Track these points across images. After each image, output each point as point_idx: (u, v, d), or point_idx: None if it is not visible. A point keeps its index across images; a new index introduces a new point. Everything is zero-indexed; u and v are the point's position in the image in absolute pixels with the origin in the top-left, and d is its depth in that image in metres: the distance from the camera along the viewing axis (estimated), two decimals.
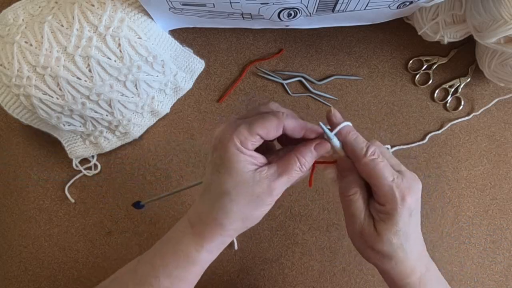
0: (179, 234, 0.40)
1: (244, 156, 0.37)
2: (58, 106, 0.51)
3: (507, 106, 0.60)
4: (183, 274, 0.39)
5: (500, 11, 0.45)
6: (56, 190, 0.61)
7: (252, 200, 0.38)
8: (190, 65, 0.58)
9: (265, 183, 0.37)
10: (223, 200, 0.38)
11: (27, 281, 0.61)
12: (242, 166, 0.37)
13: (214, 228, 0.39)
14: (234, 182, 0.37)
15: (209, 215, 0.38)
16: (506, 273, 0.60)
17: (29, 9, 0.51)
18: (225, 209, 0.38)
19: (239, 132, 0.37)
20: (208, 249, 0.39)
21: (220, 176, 0.38)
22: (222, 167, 0.37)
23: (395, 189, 0.37)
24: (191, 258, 0.39)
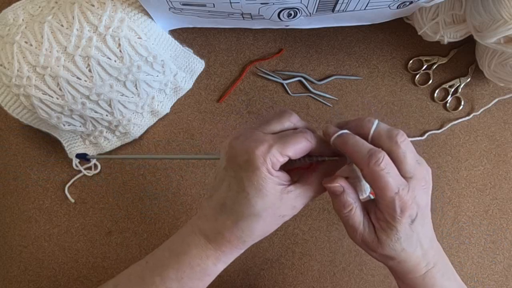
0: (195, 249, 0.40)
1: (274, 178, 0.37)
2: (58, 106, 0.51)
3: (507, 106, 0.60)
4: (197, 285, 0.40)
5: (500, 11, 0.45)
6: (56, 190, 0.61)
7: (278, 219, 0.39)
8: (190, 65, 0.58)
9: (291, 203, 0.38)
10: (250, 221, 0.38)
11: (27, 281, 0.61)
12: (271, 187, 0.37)
13: (236, 245, 0.39)
14: (263, 204, 0.37)
15: (233, 232, 0.38)
16: (506, 273, 0.60)
17: (29, 9, 0.51)
18: (251, 229, 0.38)
19: (272, 154, 0.36)
20: (225, 261, 0.40)
21: (249, 197, 0.37)
22: (252, 188, 0.36)
23: (396, 202, 0.36)
24: (208, 271, 0.40)
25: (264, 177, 0.36)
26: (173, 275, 0.39)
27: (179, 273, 0.39)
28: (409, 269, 0.40)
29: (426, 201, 0.38)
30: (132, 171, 0.61)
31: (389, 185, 0.36)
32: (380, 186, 0.36)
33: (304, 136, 0.38)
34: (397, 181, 0.36)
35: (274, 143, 0.36)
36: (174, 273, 0.39)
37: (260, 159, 0.36)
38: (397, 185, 0.36)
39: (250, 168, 0.36)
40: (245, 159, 0.36)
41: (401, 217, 0.36)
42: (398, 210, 0.36)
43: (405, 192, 0.36)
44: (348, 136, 0.38)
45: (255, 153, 0.36)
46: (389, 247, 0.38)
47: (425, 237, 0.39)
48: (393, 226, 0.37)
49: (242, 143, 0.37)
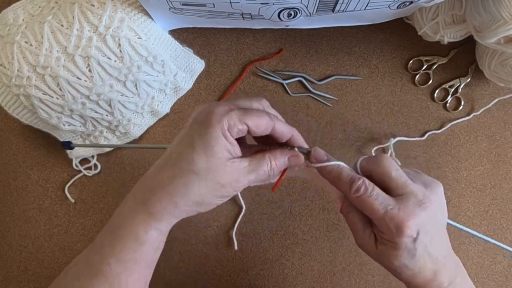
0: (126, 214, 0.38)
1: (225, 142, 0.36)
2: (58, 106, 0.51)
3: (507, 106, 0.60)
4: (134, 256, 0.37)
5: (500, 11, 0.45)
6: (56, 190, 0.61)
7: (216, 188, 0.36)
8: (190, 65, 0.58)
9: (234, 175, 0.36)
10: (187, 177, 0.36)
11: (27, 281, 0.61)
12: (220, 151, 0.35)
13: (166, 206, 0.36)
14: (206, 164, 0.35)
15: (165, 189, 0.36)
16: (506, 273, 0.60)
17: (29, 9, 0.51)
18: (185, 187, 0.36)
19: (230, 116, 0.36)
20: (157, 227, 0.37)
21: (194, 153, 0.35)
22: (200, 145, 0.35)
23: (388, 222, 0.35)
24: (139, 239, 0.37)
25: (216, 136, 0.35)
26: (108, 248, 0.38)
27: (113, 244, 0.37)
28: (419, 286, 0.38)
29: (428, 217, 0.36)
30: (132, 171, 0.61)
31: (373, 207, 0.36)
32: (366, 210, 0.37)
33: (267, 114, 0.37)
34: (382, 201, 0.36)
35: (236, 109, 0.36)
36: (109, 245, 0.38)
37: (217, 117, 0.35)
38: (384, 206, 0.36)
39: (205, 124, 0.36)
40: (204, 116, 0.36)
41: (399, 236, 0.35)
42: (393, 229, 0.35)
43: (395, 211, 0.35)
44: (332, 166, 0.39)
45: (214, 111, 0.36)
46: (389, 261, 0.37)
47: (437, 253, 0.37)
48: (393, 243, 0.36)
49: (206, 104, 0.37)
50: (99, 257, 0.38)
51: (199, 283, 0.60)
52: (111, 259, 0.37)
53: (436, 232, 0.38)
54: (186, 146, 0.36)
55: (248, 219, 0.60)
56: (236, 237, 0.60)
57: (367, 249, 0.39)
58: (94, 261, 0.38)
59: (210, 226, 0.60)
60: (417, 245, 0.36)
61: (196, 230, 0.60)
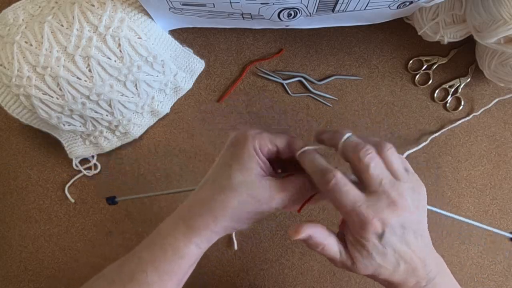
0: (168, 228, 0.40)
1: (258, 159, 0.38)
2: (58, 106, 0.51)
3: (507, 106, 0.60)
4: (171, 268, 0.39)
5: (500, 11, 0.45)
6: (56, 190, 0.61)
7: (252, 202, 0.38)
8: (190, 65, 0.58)
9: (268, 191, 0.38)
10: (225, 193, 0.38)
11: (27, 281, 0.61)
12: (254, 167, 0.38)
13: (206, 220, 0.38)
14: (242, 179, 0.38)
15: (205, 205, 0.38)
16: (506, 273, 0.60)
17: (29, 9, 0.51)
18: (224, 202, 0.38)
19: (262, 136, 0.39)
20: (197, 242, 0.39)
21: (231, 170, 0.38)
22: (235, 162, 0.38)
23: (354, 217, 0.35)
24: (179, 252, 0.39)
25: (249, 154, 0.38)
26: (147, 257, 0.39)
27: (152, 253, 0.39)
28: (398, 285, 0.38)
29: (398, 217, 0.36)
30: (132, 171, 0.61)
31: (342, 203, 0.36)
32: (335, 204, 0.37)
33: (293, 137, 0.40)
34: (352, 197, 0.36)
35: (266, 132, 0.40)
36: (148, 255, 0.39)
37: (250, 138, 0.39)
38: (353, 202, 0.35)
39: (239, 144, 0.39)
40: (237, 138, 0.40)
41: (364, 232, 0.35)
42: (357, 225, 0.35)
43: (363, 208, 0.35)
44: (307, 152, 0.39)
45: (246, 132, 0.39)
46: (363, 264, 0.37)
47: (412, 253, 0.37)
48: (359, 241, 0.36)
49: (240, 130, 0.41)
50: (135, 265, 0.39)
51: (199, 283, 0.60)
52: (148, 268, 0.38)
53: (408, 234, 0.37)
54: (223, 165, 0.39)
55: None
56: (236, 237, 0.60)
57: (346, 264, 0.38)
58: (130, 268, 0.39)
59: None
60: (385, 244, 0.36)
61: None
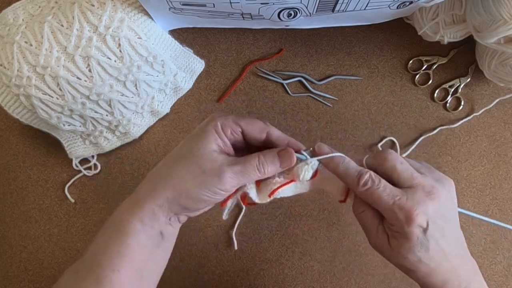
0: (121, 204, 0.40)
1: (216, 137, 0.38)
2: (58, 106, 0.51)
3: (507, 106, 0.60)
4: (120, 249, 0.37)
5: (500, 11, 0.45)
6: (56, 190, 0.61)
7: (198, 175, 0.36)
8: (190, 65, 0.58)
9: (218, 164, 0.37)
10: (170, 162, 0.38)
11: (27, 281, 0.61)
12: (207, 142, 0.38)
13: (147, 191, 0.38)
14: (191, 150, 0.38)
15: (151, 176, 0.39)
16: (506, 273, 0.60)
17: (29, 9, 0.51)
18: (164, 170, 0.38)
19: (225, 118, 0.39)
20: (140, 216, 0.37)
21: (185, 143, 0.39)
22: (189, 138, 0.39)
23: (397, 212, 0.36)
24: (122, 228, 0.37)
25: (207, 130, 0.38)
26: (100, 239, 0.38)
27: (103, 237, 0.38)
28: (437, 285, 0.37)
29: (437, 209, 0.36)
30: (132, 171, 0.61)
31: (381, 199, 0.36)
32: (374, 202, 0.37)
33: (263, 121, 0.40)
34: (389, 192, 0.36)
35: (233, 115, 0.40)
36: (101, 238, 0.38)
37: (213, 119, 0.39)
38: (391, 196, 0.36)
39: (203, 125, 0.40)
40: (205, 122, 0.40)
41: (409, 225, 0.35)
42: (402, 219, 0.36)
43: (403, 201, 0.36)
44: (339, 159, 0.39)
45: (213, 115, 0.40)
46: (402, 256, 0.37)
47: (451, 250, 0.37)
48: (403, 234, 0.36)
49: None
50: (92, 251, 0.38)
51: (199, 283, 0.60)
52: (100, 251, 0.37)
53: (448, 228, 0.37)
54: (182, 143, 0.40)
55: (248, 219, 0.60)
56: (236, 237, 0.60)
57: (381, 248, 0.39)
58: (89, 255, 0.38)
59: (210, 226, 0.60)
60: (429, 237, 0.36)
61: (196, 230, 0.60)
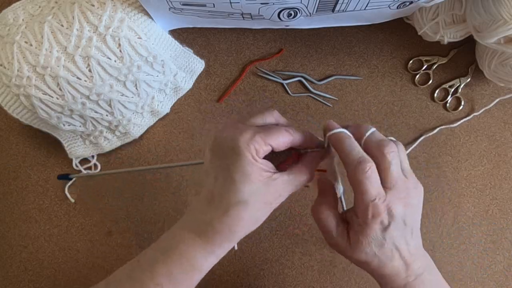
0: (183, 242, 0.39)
1: (259, 165, 0.37)
2: (58, 106, 0.51)
3: (507, 106, 0.60)
4: (187, 281, 0.40)
5: (500, 11, 0.45)
6: (56, 190, 0.61)
7: (265, 207, 0.39)
8: (190, 65, 0.58)
9: (278, 191, 0.39)
10: (239, 208, 0.37)
11: (27, 281, 0.61)
12: (258, 175, 0.37)
13: (226, 236, 0.39)
14: (250, 190, 0.37)
15: (223, 222, 0.38)
16: (506, 273, 0.60)
17: (29, 9, 0.51)
18: (240, 217, 0.38)
19: (255, 141, 0.37)
20: (216, 254, 0.40)
21: (236, 184, 0.37)
22: (238, 175, 0.37)
23: (369, 208, 0.37)
24: (198, 266, 0.39)
25: (250, 162, 0.37)
26: (162, 270, 0.39)
27: (169, 268, 0.39)
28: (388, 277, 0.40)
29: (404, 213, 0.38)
30: (132, 171, 0.61)
31: (367, 193, 0.37)
32: (359, 191, 0.37)
33: (286, 129, 0.39)
34: (375, 190, 0.37)
35: (258, 132, 0.37)
36: (163, 268, 0.39)
37: (245, 145, 0.37)
38: (375, 194, 0.37)
39: (235, 155, 0.37)
40: (230, 147, 0.37)
41: (372, 222, 0.37)
42: (370, 215, 0.37)
43: (381, 201, 0.37)
44: (345, 136, 0.39)
45: (239, 139, 0.37)
46: (360, 249, 0.38)
47: (405, 248, 0.39)
48: (364, 229, 0.38)
49: (226, 133, 0.38)
50: (149, 276, 0.39)
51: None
52: (164, 280, 0.38)
53: (409, 230, 0.39)
54: (225, 180, 0.38)
55: None
56: None
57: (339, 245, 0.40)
58: (142, 278, 0.39)
59: None
60: (386, 235, 0.38)
61: None
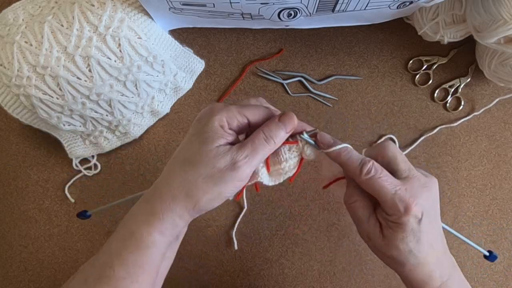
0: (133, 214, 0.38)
1: (222, 131, 0.37)
2: (58, 106, 0.51)
3: (507, 106, 0.60)
4: (139, 260, 0.36)
5: (500, 11, 0.45)
6: (56, 190, 0.61)
7: (214, 174, 0.36)
8: (190, 65, 0.58)
9: (229, 157, 0.36)
10: (183, 168, 0.36)
11: (27, 281, 0.61)
12: (215, 137, 0.36)
13: (166, 201, 0.36)
14: (201, 152, 0.36)
15: (164, 185, 0.36)
16: (506, 273, 0.60)
17: (29, 9, 0.51)
18: (181, 177, 0.36)
19: (229, 109, 0.37)
20: (160, 229, 0.36)
21: (191, 144, 0.37)
22: (197, 137, 0.37)
23: (397, 202, 0.36)
24: (142, 242, 0.36)
25: (212, 126, 0.36)
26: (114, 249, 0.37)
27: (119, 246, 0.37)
28: (423, 279, 0.38)
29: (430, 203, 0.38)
30: (132, 171, 0.61)
31: (384, 188, 0.37)
32: (376, 191, 0.37)
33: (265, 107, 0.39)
34: (391, 182, 0.37)
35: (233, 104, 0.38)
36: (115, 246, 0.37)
37: (217, 110, 0.37)
38: (393, 186, 0.37)
39: (206, 119, 0.37)
40: (203, 113, 0.38)
41: (406, 215, 0.36)
42: (401, 209, 0.36)
43: (403, 191, 0.37)
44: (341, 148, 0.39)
45: (213, 107, 0.38)
46: (395, 246, 0.37)
47: (437, 242, 0.38)
48: (399, 224, 0.37)
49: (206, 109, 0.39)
50: (104, 261, 0.37)
51: (199, 283, 0.60)
52: (115, 262, 0.36)
53: (435, 222, 0.39)
54: (189, 142, 0.38)
55: (248, 219, 0.60)
56: (236, 237, 0.60)
57: (373, 238, 0.39)
58: (99, 265, 0.37)
59: (210, 226, 0.60)
60: (421, 228, 0.37)
61: (196, 230, 0.60)
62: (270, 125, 0.38)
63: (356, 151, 0.40)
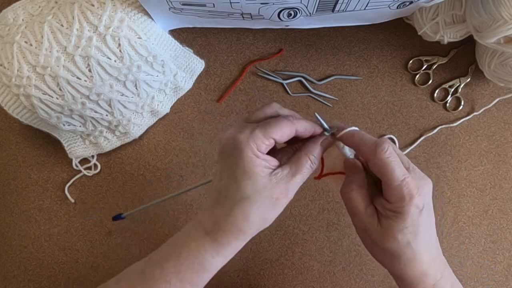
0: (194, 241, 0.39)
1: (260, 161, 0.37)
2: (58, 106, 0.51)
3: (507, 106, 0.60)
4: (195, 280, 0.39)
5: (500, 11, 0.45)
6: (56, 190, 0.61)
7: (271, 203, 0.38)
8: (190, 65, 0.58)
9: (282, 185, 0.38)
10: (243, 205, 0.37)
11: (27, 281, 0.61)
12: (260, 170, 0.37)
13: (233, 234, 0.38)
14: (253, 187, 0.37)
15: (228, 221, 0.38)
16: (506, 273, 0.60)
17: (29, 9, 0.51)
18: (245, 214, 0.38)
19: (255, 136, 0.37)
20: (224, 254, 0.39)
21: (238, 181, 0.38)
22: (240, 173, 0.37)
23: (404, 188, 0.37)
24: (206, 265, 0.39)
25: (250, 159, 0.37)
26: (172, 268, 0.39)
27: (178, 266, 0.39)
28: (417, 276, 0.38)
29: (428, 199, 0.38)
30: (132, 171, 0.61)
31: (395, 172, 0.37)
32: (387, 173, 0.37)
33: (285, 118, 0.39)
34: (402, 169, 0.37)
35: (257, 127, 0.38)
36: (173, 265, 0.39)
37: (244, 142, 0.37)
38: (403, 173, 0.37)
39: (237, 153, 0.37)
40: (233, 146, 0.38)
41: (409, 204, 0.36)
42: (406, 197, 0.37)
43: (410, 180, 0.37)
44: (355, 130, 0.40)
45: (239, 137, 0.38)
46: (393, 237, 0.37)
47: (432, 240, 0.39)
48: (400, 214, 0.37)
49: (228, 133, 0.39)
50: (159, 275, 0.39)
51: None
52: (173, 278, 0.38)
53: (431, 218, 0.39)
54: (229, 179, 0.38)
55: None
56: None
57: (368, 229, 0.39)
58: (153, 275, 0.39)
59: None
60: (420, 221, 0.37)
61: None
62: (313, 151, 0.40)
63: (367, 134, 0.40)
